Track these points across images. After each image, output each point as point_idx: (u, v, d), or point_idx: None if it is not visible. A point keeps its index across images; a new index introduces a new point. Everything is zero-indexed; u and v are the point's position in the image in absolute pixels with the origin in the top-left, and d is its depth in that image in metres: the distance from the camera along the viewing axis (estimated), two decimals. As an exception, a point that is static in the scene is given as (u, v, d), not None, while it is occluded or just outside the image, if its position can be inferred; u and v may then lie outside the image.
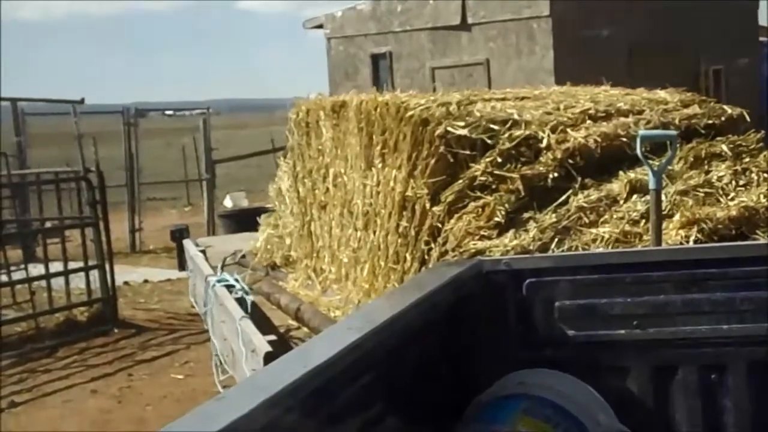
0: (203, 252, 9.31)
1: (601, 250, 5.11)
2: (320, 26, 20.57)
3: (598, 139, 6.26)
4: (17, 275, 10.88)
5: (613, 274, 3.30)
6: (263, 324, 6.43)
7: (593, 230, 5.59)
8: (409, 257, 6.56)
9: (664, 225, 5.26)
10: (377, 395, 2.68)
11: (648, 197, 5.67)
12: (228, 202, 18.45)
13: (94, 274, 10.92)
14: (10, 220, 12.75)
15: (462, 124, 6.26)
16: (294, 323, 7.82)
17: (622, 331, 3.26)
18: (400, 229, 6.69)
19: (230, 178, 18.14)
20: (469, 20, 17.74)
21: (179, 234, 14.33)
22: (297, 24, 22.20)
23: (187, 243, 10.56)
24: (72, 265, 10.97)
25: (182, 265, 12.94)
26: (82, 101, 14.89)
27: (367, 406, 2.63)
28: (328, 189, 8.36)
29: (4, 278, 10.85)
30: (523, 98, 7.38)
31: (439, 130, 6.25)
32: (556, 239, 5.57)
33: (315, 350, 2.53)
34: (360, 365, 2.52)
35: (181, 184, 23.48)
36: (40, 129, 17.70)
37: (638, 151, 5.10)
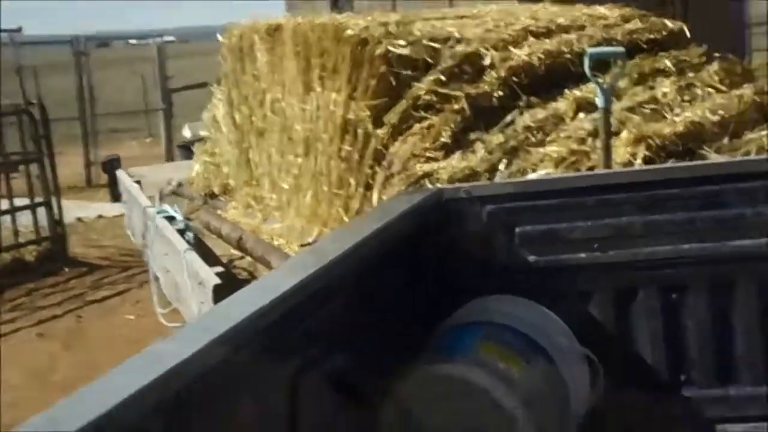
0: (138, 183, 9.12)
1: (561, 174, 5.05)
2: None
3: (542, 56, 6.18)
4: (-39, 214, 10.54)
5: (573, 197, 3.25)
6: (206, 255, 6.32)
7: (540, 149, 5.53)
8: (353, 182, 6.45)
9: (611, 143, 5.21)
10: (341, 324, 2.63)
11: (594, 115, 5.62)
12: (187, 132, 18.10)
13: (42, 212, 10.62)
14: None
15: (403, 42, 6.13)
16: (236, 252, 7.69)
17: (583, 255, 3.23)
18: (343, 154, 6.57)
19: (193, 107, 17.77)
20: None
21: (110, 165, 14.06)
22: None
23: (121, 174, 10.36)
24: (19, 203, 10.66)
25: (116, 197, 12.71)
26: (19, 29, 14.33)
27: (331, 334, 2.57)
28: (265, 115, 8.18)
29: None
30: (462, 17, 7.24)
31: (380, 50, 6.11)
32: (504, 160, 5.50)
33: (280, 279, 2.47)
34: (324, 293, 2.47)
35: (143, 114, 22.99)
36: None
37: (586, 69, 5.02)
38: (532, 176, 5.11)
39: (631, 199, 3.21)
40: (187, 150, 15.56)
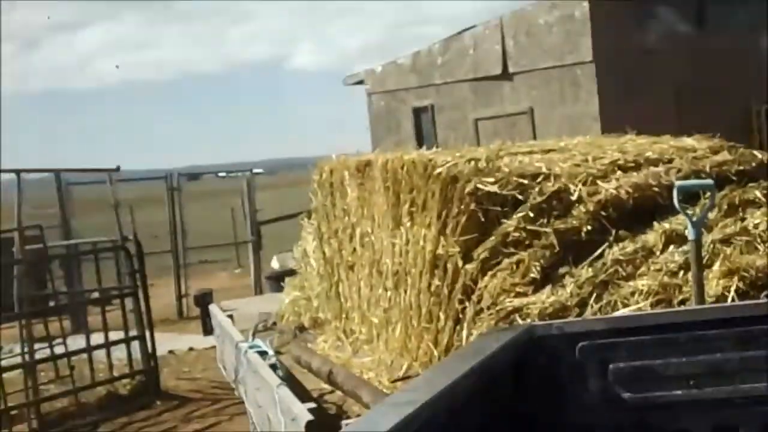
0: (230, 317, 9.26)
1: (655, 310, 5.01)
2: (361, 82, 20.63)
3: (630, 190, 6.19)
4: (59, 349, 10.80)
5: (666, 333, 3.23)
6: (296, 389, 6.35)
7: (631, 283, 5.51)
8: (442, 316, 6.47)
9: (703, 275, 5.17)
10: None
11: (684, 247, 5.60)
12: (275, 263, 18.41)
13: (136, 345, 10.83)
14: (53, 293, 12.69)
15: (491, 180, 6.21)
16: (327, 387, 7.71)
17: (679, 392, 3.19)
18: (432, 288, 6.61)
19: (281, 238, 18.12)
20: (511, 69, 17.71)
21: (203, 299, 14.31)
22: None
23: (213, 308, 10.51)
24: (114, 336, 10.89)
25: (207, 330, 12.89)
26: (117, 169, 14.87)
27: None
28: (355, 249, 8.31)
29: (47, 352, 10.78)
30: (549, 151, 7.33)
31: (469, 188, 6.20)
32: (594, 294, 5.49)
33: (379, 420, 2.49)
34: None
35: (233, 246, 23.51)
36: (85, 198, 17.75)
37: (675, 202, 5.03)
38: (623, 311, 5.08)
39: (726, 335, 3.18)
40: (275, 281, 15.78)
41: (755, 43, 17.11)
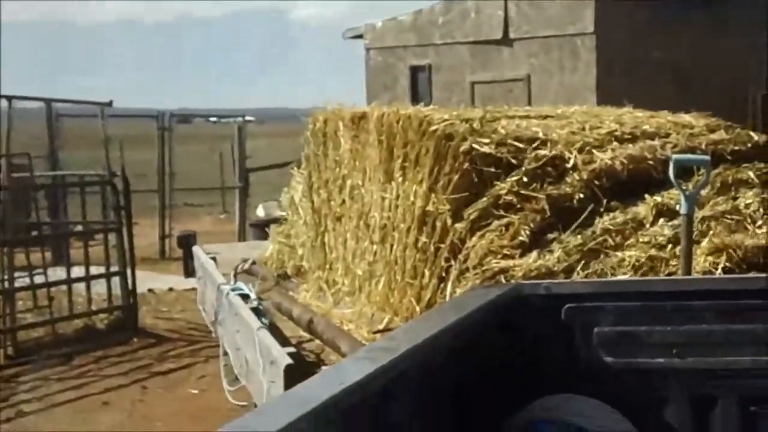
0: (213, 259, 9.24)
1: (645, 278, 5.03)
2: (360, 36, 20.49)
3: (625, 161, 6.19)
4: (39, 279, 10.77)
5: (654, 301, 3.24)
6: (276, 335, 6.36)
7: (619, 253, 5.52)
8: (427, 273, 6.48)
9: (691, 251, 5.18)
10: (413, 415, 2.63)
11: (674, 222, 5.61)
12: (260, 211, 18.38)
13: (116, 281, 10.81)
14: (37, 223, 12.64)
15: (487, 141, 6.19)
16: (306, 335, 7.73)
17: (662, 360, 3.20)
18: (419, 244, 6.61)
19: (268, 187, 18.10)
20: (511, 35, 17.62)
21: (186, 240, 14.27)
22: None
23: (197, 250, 10.50)
24: (95, 270, 10.86)
25: (188, 272, 12.86)
26: (110, 103, 14.75)
27: (401, 426, 2.57)
28: (344, 201, 8.29)
29: (26, 281, 10.74)
30: (546, 117, 7.31)
31: (464, 146, 6.18)
32: (582, 261, 5.50)
33: (352, 367, 2.48)
34: (397, 385, 2.47)
35: (219, 191, 23.46)
36: (75, 131, 17.64)
37: (671, 176, 5.02)
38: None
39: (711, 306, 3.19)
40: (259, 229, 15.75)
41: (760, 30, 17.07)
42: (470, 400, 3.05)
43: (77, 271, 10.79)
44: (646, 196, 6.03)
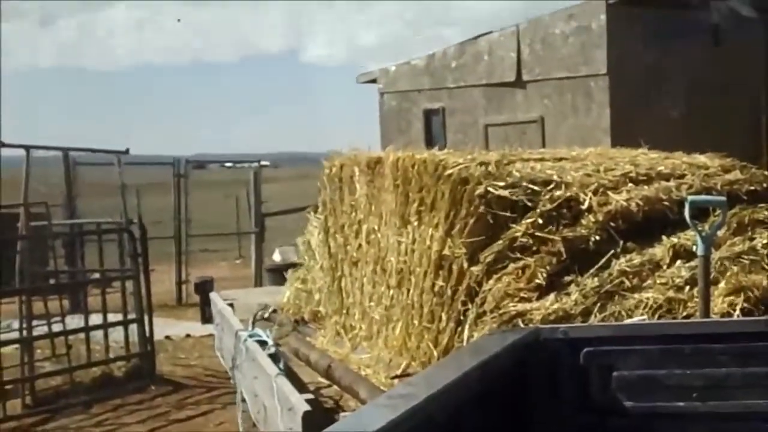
0: (231, 305, 9.26)
1: (660, 320, 5.01)
2: (374, 81, 20.64)
3: (640, 203, 6.19)
4: (56, 327, 10.83)
5: (671, 344, 3.23)
6: (294, 381, 6.35)
7: (636, 295, 5.50)
8: (444, 317, 6.47)
9: (709, 292, 5.17)
10: None
11: (692, 263, 5.59)
12: (276, 256, 18.45)
13: (133, 328, 10.87)
14: (54, 271, 12.73)
15: (502, 184, 6.20)
16: (324, 381, 7.71)
17: (681, 403, 3.19)
18: (436, 288, 6.60)
19: (284, 231, 18.17)
20: (524, 77, 17.71)
21: (203, 286, 14.34)
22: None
23: (214, 296, 10.52)
24: (112, 318, 10.92)
25: (206, 318, 12.89)
26: (126, 151, 14.88)
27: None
28: (360, 245, 8.30)
29: (44, 330, 10.81)
30: (561, 159, 7.32)
31: (479, 190, 6.19)
32: (599, 304, 5.48)
33: (373, 415, 2.48)
34: (418, 431, 2.47)
35: (235, 236, 23.56)
36: (92, 179, 17.80)
37: (687, 217, 5.03)
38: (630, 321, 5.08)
39: (729, 349, 3.19)
40: (276, 274, 15.79)
41: (768, 61, 17.10)
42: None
43: (95, 319, 10.86)
44: (663, 237, 6.02)
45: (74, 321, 11.05)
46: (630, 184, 6.49)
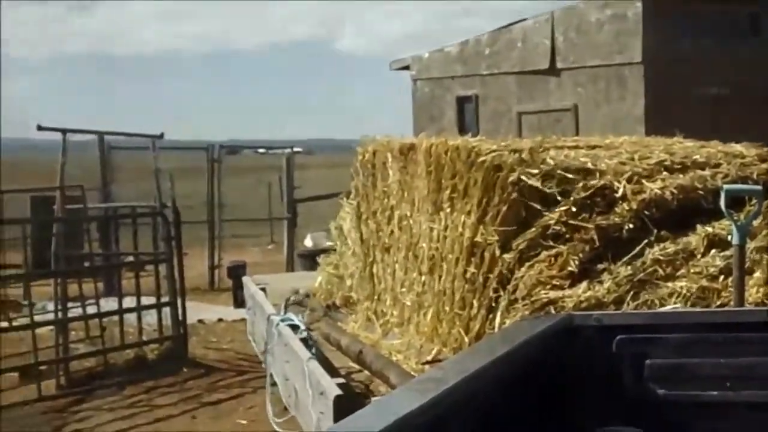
0: (263, 290, 9.30)
1: (693, 309, 4.99)
2: (407, 67, 20.63)
3: (675, 191, 6.15)
4: (91, 309, 10.95)
5: (706, 333, 3.22)
6: (326, 366, 6.37)
7: (670, 284, 5.48)
8: (476, 304, 6.46)
9: (743, 282, 5.13)
10: None
11: (726, 253, 5.56)
12: (308, 242, 18.50)
13: (166, 311, 10.94)
14: (89, 254, 12.85)
15: (535, 172, 6.18)
16: (355, 366, 7.74)
17: (714, 393, 3.17)
18: (468, 275, 6.60)
19: (316, 217, 18.23)
20: (558, 65, 17.63)
21: (236, 271, 14.39)
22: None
23: (247, 280, 10.58)
24: (145, 301, 11.01)
25: (238, 303, 12.96)
26: (161, 136, 14.97)
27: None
28: (392, 231, 8.31)
29: (79, 312, 10.92)
30: (595, 147, 7.28)
31: (512, 178, 6.17)
32: (632, 292, 5.46)
33: (403, 399, 2.49)
34: (448, 416, 2.47)
35: (267, 222, 23.66)
36: (126, 163, 17.95)
37: (722, 206, 4.99)
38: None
39: (763, 339, 3.17)
40: (307, 260, 15.82)
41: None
42: (520, 431, 3.04)
43: (128, 302, 10.94)
44: (697, 226, 5.98)
45: (108, 303, 11.14)
46: (665, 173, 6.45)
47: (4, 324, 11.31)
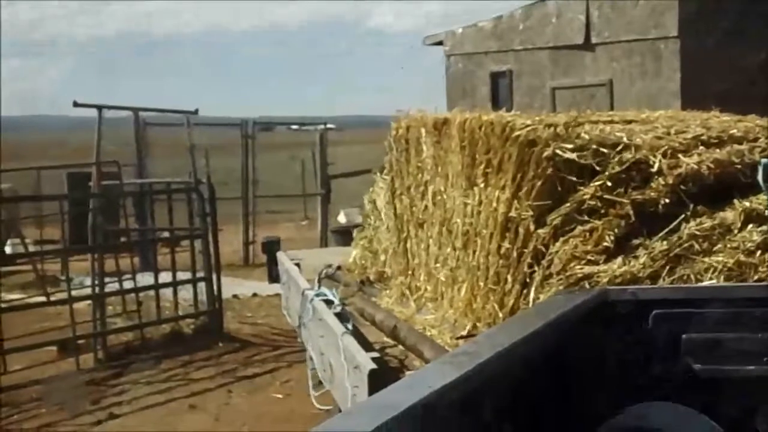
0: (297, 265, 9.34)
1: (731, 283, 4.96)
2: (440, 43, 20.56)
3: (711, 166, 6.10)
4: (127, 284, 11.05)
5: (743, 308, 3.20)
6: (360, 340, 6.41)
7: (706, 259, 5.44)
8: (510, 279, 6.46)
9: (780, 257, 5.10)
10: (498, 421, 2.63)
11: (764, 227, 5.52)
12: (342, 218, 18.56)
13: (202, 287, 11.03)
14: (125, 230, 12.96)
15: (570, 146, 6.15)
16: (388, 340, 7.77)
17: (751, 367, 3.16)
18: (502, 251, 6.59)
19: (349, 193, 18.28)
20: (593, 39, 17.49)
21: (270, 246, 14.46)
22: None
23: (281, 255, 10.62)
24: (181, 276, 11.09)
25: (272, 278, 13.02)
26: (195, 112, 15.02)
27: (488, 430, 2.58)
28: (426, 207, 8.31)
29: (115, 287, 11.03)
30: (630, 121, 7.24)
31: (547, 152, 6.15)
32: (667, 267, 5.43)
33: (437, 372, 2.50)
34: (482, 390, 2.48)
35: (300, 198, 23.76)
36: (161, 139, 18.06)
37: (759, 180, 4.95)
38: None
39: None
40: (341, 235, 15.88)
41: None
42: (555, 406, 3.05)
43: (164, 277, 11.04)
44: (734, 201, 5.93)
45: (144, 278, 11.25)
46: (701, 147, 6.40)
47: (43, 299, 11.45)
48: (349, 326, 6.04)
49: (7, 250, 15.40)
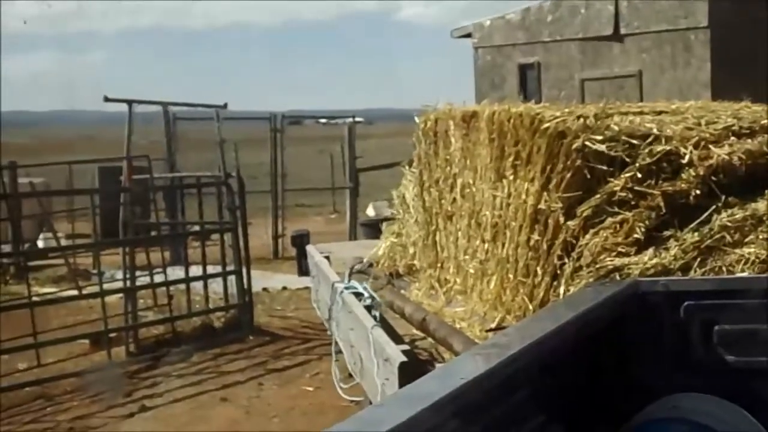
0: (327, 258, 9.36)
1: (763, 274, 4.93)
2: (468, 35, 20.52)
3: (743, 157, 6.06)
4: (158, 278, 11.12)
5: None
6: (390, 333, 6.42)
7: (737, 251, 5.42)
8: (540, 271, 6.44)
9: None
10: (529, 412, 2.64)
11: (796, 218, 5.48)
12: (370, 211, 18.59)
13: (232, 280, 11.07)
14: (156, 223, 13.04)
15: (600, 138, 6.13)
16: (418, 333, 7.78)
17: None
18: (531, 243, 6.58)
19: (377, 187, 18.30)
20: (622, 30, 17.40)
21: (300, 240, 14.51)
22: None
23: (311, 249, 10.65)
24: (211, 269, 11.15)
25: (302, 271, 13.06)
26: (225, 106, 15.08)
27: (518, 422, 2.58)
28: (455, 199, 8.30)
29: (146, 280, 11.10)
30: (660, 112, 7.19)
31: (576, 144, 6.13)
32: (699, 259, 5.41)
33: (469, 364, 2.50)
34: (512, 381, 2.48)
35: (329, 191, 23.82)
36: (191, 134, 18.16)
37: (791, 171, 4.92)
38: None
39: None
40: (370, 228, 15.88)
41: None
42: (586, 397, 3.04)
43: (195, 270, 11.09)
44: (766, 191, 5.89)
45: (175, 272, 11.31)
46: (732, 138, 6.35)
47: (75, 292, 11.55)
48: (378, 319, 6.05)
49: (40, 244, 15.54)
